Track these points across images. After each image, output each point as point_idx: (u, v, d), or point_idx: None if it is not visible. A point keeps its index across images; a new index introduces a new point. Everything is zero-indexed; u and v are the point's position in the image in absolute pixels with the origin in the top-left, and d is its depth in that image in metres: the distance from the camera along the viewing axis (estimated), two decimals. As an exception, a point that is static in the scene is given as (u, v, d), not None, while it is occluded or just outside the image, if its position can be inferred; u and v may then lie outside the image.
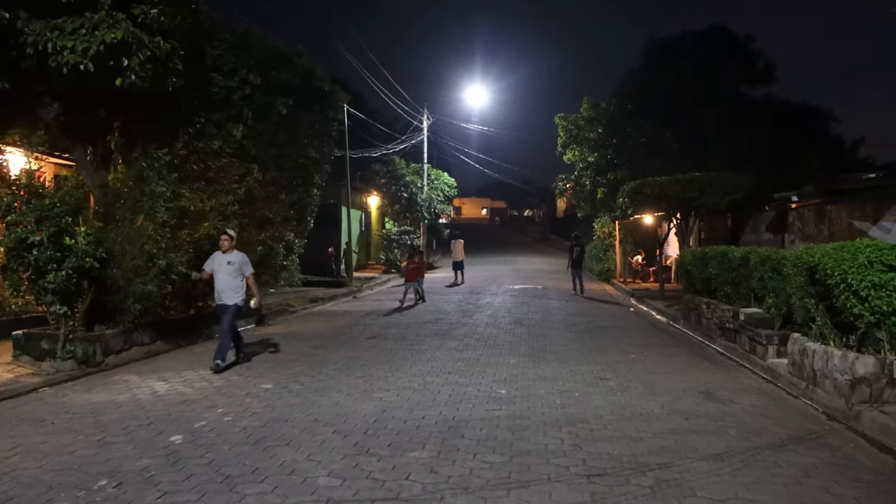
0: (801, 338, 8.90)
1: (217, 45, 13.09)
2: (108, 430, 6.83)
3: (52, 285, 9.69)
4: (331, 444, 6.32)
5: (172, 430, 6.78)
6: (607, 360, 10.87)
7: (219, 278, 10.22)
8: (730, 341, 11.85)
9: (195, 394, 8.44)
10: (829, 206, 14.24)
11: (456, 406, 7.77)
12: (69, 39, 8.87)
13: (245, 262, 10.39)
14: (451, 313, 17.61)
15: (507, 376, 9.53)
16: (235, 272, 10.21)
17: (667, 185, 18.49)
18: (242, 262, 10.33)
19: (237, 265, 10.24)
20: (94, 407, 7.80)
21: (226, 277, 10.17)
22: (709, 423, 7.18)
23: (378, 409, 7.58)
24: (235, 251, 10.43)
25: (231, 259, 10.24)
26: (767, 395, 8.67)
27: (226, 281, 10.17)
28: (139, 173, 10.83)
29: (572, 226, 41.72)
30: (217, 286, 10.24)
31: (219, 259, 10.31)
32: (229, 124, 13.43)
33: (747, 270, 11.72)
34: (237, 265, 10.24)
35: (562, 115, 28.36)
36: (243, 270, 10.31)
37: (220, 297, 10.25)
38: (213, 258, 10.43)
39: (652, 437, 6.65)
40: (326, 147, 17.48)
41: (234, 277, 10.20)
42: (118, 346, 10.78)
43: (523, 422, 7.12)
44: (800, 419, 7.44)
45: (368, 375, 9.52)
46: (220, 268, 10.21)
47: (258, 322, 15.59)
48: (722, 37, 27.59)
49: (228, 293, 10.17)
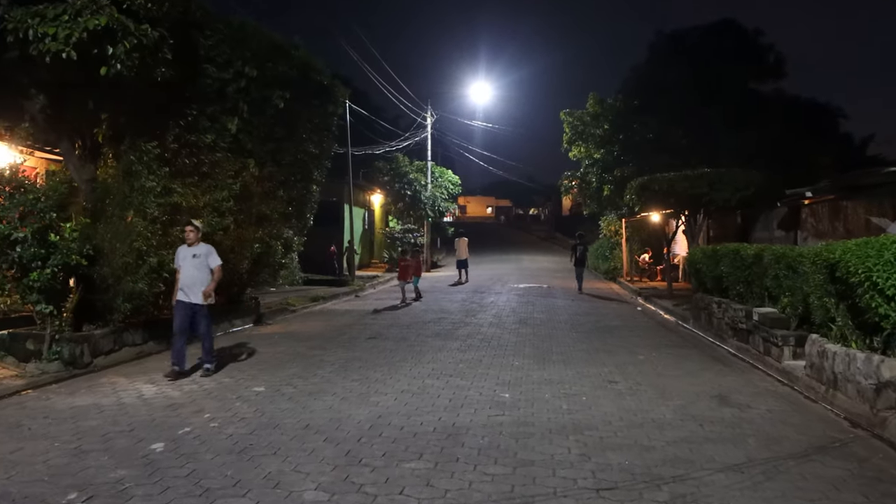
0: (819, 339, 8.48)
1: (210, 36, 12.63)
2: (86, 437, 6.43)
3: (36, 284, 9.29)
4: (321, 453, 5.90)
5: (154, 438, 6.37)
6: (615, 362, 10.45)
7: (185, 273, 9.48)
8: (742, 342, 11.44)
9: (183, 397, 8.04)
10: (844, 201, 13.78)
11: (456, 411, 7.34)
12: (51, 26, 8.47)
13: (211, 252, 9.65)
14: (454, 313, 17.20)
15: (510, 379, 9.11)
16: (201, 265, 9.49)
17: (675, 181, 18.12)
18: (208, 253, 9.60)
19: (203, 257, 9.52)
20: (75, 411, 7.40)
21: (192, 271, 9.44)
22: (725, 431, 6.75)
23: (374, 415, 7.16)
24: (202, 243, 9.69)
25: (197, 251, 9.52)
26: (785, 399, 8.24)
27: (192, 275, 9.43)
28: (128, 167, 10.40)
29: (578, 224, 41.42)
30: (183, 281, 9.46)
31: (184, 252, 9.59)
32: (224, 118, 12.99)
33: (761, 268, 11.30)
34: (203, 257, 9.52)
35: (567, 111, 27.96)
36: (210, 263, 9.58)
37: (187, 294, 9.43)
38: (179, 252, 9.70)
39: (665, 445, 6.22)
40: (326, 142, 17.03)
41: (201, 271, 9.47)
42: (107, 347, 10.39)
43: (527, 429, 6.69)
44: (821, 426, 7.00)
45: (366, 378, 9.11)
46: (186, 261, 9.51)
47: (256, 321, 15.21)
48: (730, 31, 27.04)
49: (196, 289, 9.41)
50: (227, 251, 13.09)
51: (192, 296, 9.40)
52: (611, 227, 31.88)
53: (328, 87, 16.28)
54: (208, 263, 9.55)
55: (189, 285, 9.40)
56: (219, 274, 9.67)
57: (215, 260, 9.64)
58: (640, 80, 26.58)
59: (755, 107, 24.79)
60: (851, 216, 13.54)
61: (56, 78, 9.48)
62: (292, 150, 15.39)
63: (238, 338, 13.01)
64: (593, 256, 34.78)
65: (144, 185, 10.46)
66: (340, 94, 17.41)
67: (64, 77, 9.41)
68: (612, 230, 31.97)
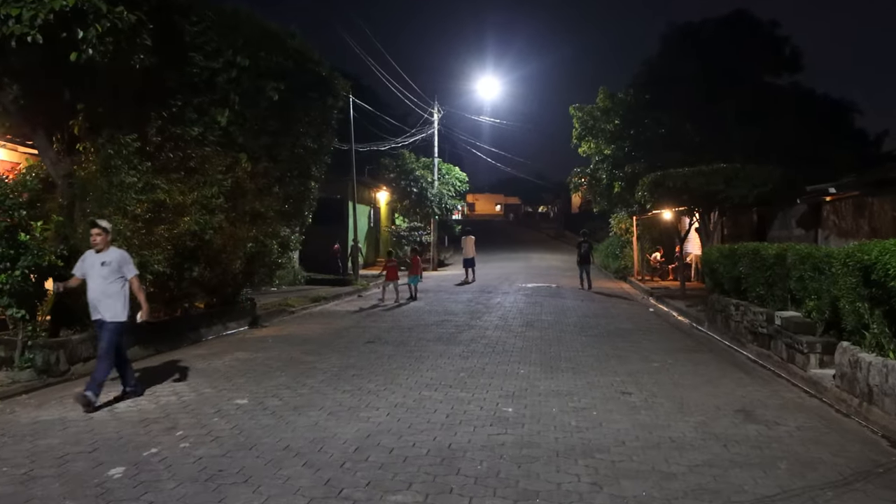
0: (851, 347, 7.78)
1: (197, 22, 11.96)
2: (40, 459, 5.78)
3: (6, 286, 8.63)
4: (297, 481, 5.22)
5: (115, 461, 5.72)
6: (628, 370, 9.75)
7: (92, 284, 7.74)
8: (763, 347, 10.76)
9: (157, 411, 7.39)
10: (870, 198, 13.01)
11: (454, 429, 6.65)
12: (14, 7, 7.79)
13: (125, 261, 7.87)
14: (458, 314, 16.52)
15: (515, 390, 8.41)
16: (112, 275, 7.70)
17: (690, 177, 17.46)
18: (121, 262, 7.81)
19: (114, 265, 7.73)
20: (37, 428, 6.76)
21: (100, 283, 7.68)
22: (752, 453, 6.05)
23: (362, 434, 6.47)
24: (113, 248, 7.94)
25: (106, 258, 7.73)
26: (814, 413, 7.54)
27: (100, 287, 7.68)
28: (106, 162, 9.73)
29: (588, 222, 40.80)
30: (90, 295, 7.74)
31: (90, 259, 7.81)
32: (213, 109, 12.32)
33: (783, 269, 10.59)
34: (114, 265, 7.73)
35: (577, 106, 27.21)
36: (123, 272, 7.79)
37: (94, 310, 7.75)
38: (84, 259, 7.94)
39: (686, 471, 5.53)
40: (325, 137, 16.33)
41: (111, 282, 7.69)
42: (86, 353, 9.74)
43: (532, 451, 5.99)
44: (859, 447, 6.29)
45: (358, 389, 8.42)
46: (93, 270, 7.73)
47: (251, 324, 14.59)
48: (744, 23, 26.24)
49: (105, 304, 7.67)
50: (218, 251, 12.51)
51: (102, 310, 7.72)
52: (621, 224, 31.27)
53: (326, 79, 15.58)
54: (122, 273, 7.80)
55: (97, 299, 7.72)
56: (137, 286, 7.92)
57: (131, 270, 7.91)
58: (651, 73, 25.87)
59: (770, 101, 24.06)
60: (878, 213, 12.77)
61: (28, 65, 8.84)
62: (289, 145, 14.71)
63: (230, 341, 12.40)
64: (603, 255, 34.32)
65: (124, 181, 9.80)
66: (341, 86, 16.73)
67: (36, 64, 8.77)
68: (622, 228, 31.34)
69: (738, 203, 17.35)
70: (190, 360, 10.42)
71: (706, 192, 17.37)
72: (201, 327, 12.83)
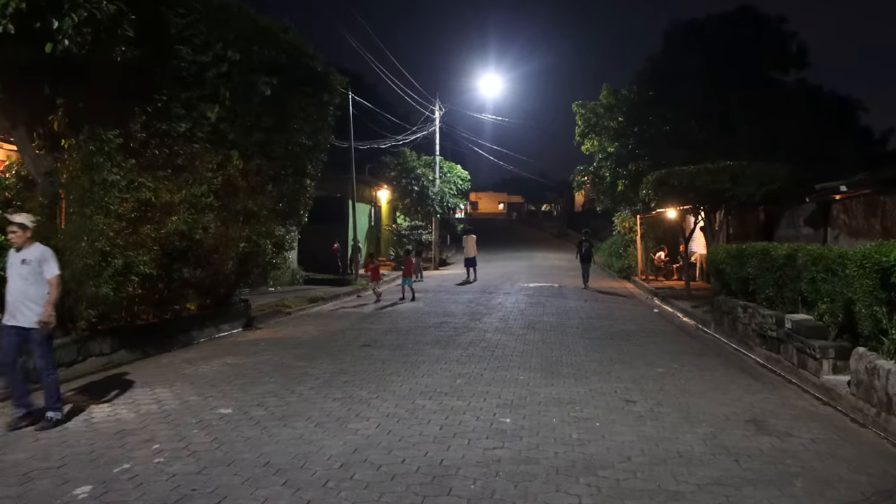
0: (868, 353, 7.38)
1: (185, 14, 11.54)
2: (3, 476, 5.40)
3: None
4: (275, 503, 4.83)
5: (83, 478, 5.33)
6: (632, 375, 9.36)
7: (11, 285, 6.96)
8: (772, 351, 10.36)
9: (136, 421, 7.00)
10: (882, 196, 12.60)
11: (447, 443, 6.24)
12: (-18, -5, 7.44)
13: (47, 258, 7.02)
14: (458, 315, 16.12)
15: (513, 398, 8.01)
16: (33, 275, 6.90)
17: (695, 174, 17.12)
18: (43, 260, 6.98)
19: (35, 263, 6.94)
20: (6, 441, 6.38)
21: (19, 284, 6.88)
22: (765, 468, 5.65)
23: (349, 448, 6.07)
24: (36, 244, 7.10)
25: (27, 256, 6.94)
26: (829, 423, 7.15)
27: (20, 288, 6.86)
28: (88, 159, 9.31)
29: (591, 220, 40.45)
30: (8, 297, 6.94)
31: (12, 258, 7.05)
32: (202, 105, 11.89)
33: (794, 270, 10.19)
34: (35, 263, 6.94)
35: (580, 103, 26.81)
36: (45, 272, 6.97)
37: (12, 314, 6.87)
38: (9, 258, 7.17)
39: (696, 490, 5.13)
40: (321, 134, 15.89)
41: (32, 283, 6.89)
42: (69, 358, 9.37)
43: (530, 467, 5.59)
44: (879, 461, 5.90)
45: (349, 397, 8.02)
46: (12, 270, 6.98)
47: (246, 325, 14.21)
48: (749, 19, 25.83)
49: (26, 307, 6.83)
50: (209, 251, 12.12)
51: (20, 317, 6.85)
52: (625, 223, 30.84)
53: (322, 75, 15.15)
54: (42, 272, 6.98)
55: (17, 302, 6.87)
56: (55, 285, 7.02)
57: (53, 269, 7.03)
58: (655, 70, 25.50)
59: (776, 98, 23.68)
60: (891, 212, 12.36)
61: (5, 58, 8.44)
62: (283, 142, 14.26)
63: (220, 345, 12.01)
64: (607, 254, 33.97)
65: (107, 179, 9.38)
66: (337, 82, 16.29)
67: (13, 57, 8.37)
68: (626, 227, 30.92)
69: (744, 201, 17.02)
70: (177, 365, 10.05)
71: (712, 191, 17.04)
72: (192, 329, 12.43)
